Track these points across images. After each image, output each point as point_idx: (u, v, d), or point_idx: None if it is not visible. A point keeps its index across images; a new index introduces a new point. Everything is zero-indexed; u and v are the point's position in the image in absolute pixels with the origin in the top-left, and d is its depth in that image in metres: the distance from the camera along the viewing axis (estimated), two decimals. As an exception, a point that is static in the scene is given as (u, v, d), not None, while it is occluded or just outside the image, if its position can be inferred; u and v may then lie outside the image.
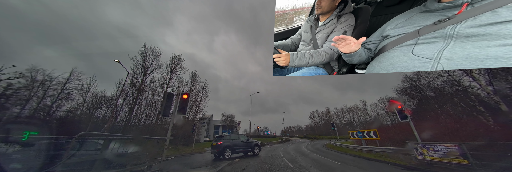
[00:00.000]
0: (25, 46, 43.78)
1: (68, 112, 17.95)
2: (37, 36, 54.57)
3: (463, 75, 13.82)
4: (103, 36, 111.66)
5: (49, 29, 68.70)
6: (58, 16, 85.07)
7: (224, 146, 11.23)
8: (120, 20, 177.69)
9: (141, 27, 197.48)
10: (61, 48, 51.05)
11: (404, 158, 9.47)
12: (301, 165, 8.58)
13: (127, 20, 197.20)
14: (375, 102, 56.67)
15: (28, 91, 15.39)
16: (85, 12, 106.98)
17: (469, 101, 13.61)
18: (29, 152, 4.68)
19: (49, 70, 17.03)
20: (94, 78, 21.72)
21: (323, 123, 71.80)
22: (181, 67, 25.02)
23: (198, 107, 28.69)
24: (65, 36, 74.89)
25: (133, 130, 20.32)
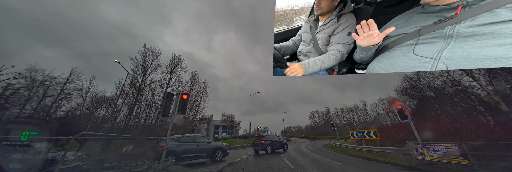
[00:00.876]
0: (22, 45, 43.79)
1: (67, 112, 17.94)
2: (32, 35, 54.18)
3: (463, 75, 13.83)
4: (100, 34, 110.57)
5: (44, 26, 67.74)
6: (52, 14, 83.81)
7: (266, 144, 14.50)
8: (116, 18, 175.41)
9: (138, 25, 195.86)
10: (58, 47, 50.86)
11: (404, 158, 9.46)
12: (301, 165, 8.57)
13: (124, 18, 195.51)
14: (375, 102, 56.71)
15: (28, 91, 15.38)
16: (80, 10, 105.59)
17: (469, 101, 13.62)
18: (29, 152, 4.69)
19: (48, 71, 17.04)
20: (94, 79, 21.73)
21: (323, 123, 71.82)
22: (181, 67, 25.05)
23: (198, 107, 28.71)
24: (60, 34, 74.09)
25: (133, 130, 20.32)
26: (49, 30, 72.33)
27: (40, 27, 63.98)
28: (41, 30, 61.81)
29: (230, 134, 55.99)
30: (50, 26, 74.74)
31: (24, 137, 3.95)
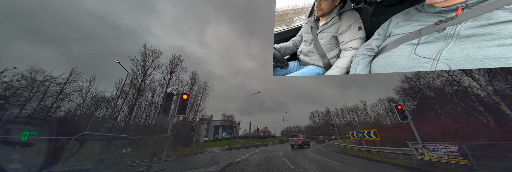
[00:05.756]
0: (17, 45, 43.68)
1: (67, 112, 17.93)
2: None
3: (463, 75, 13.83)
4: (78, 25, 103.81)
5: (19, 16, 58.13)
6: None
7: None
8: (96, 5, 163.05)
9: (121, 14, 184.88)
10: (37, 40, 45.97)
11: (405, 158, 9.46)
12: (301, 165, 8.57)
13: (104, 6, 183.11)
14: (375, 102, 56.71)
15: (28, 91, 15.39)
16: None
17: (469, 101, 13.62)
18: (29, 152, 4.69)
19: (48, 71, 17.03)
20: (93, 79, 21.72)
21: (323, 123, 71.78)
22: (181, 67, 25.06)
23: (198, 107, 28.69)
24: (36, 22, 66.93)
25: (132, 130, 20.32)
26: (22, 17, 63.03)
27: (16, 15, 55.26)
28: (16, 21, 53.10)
29: (230, 134, 55.95)
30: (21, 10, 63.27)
31: (24, 137, 3.95)
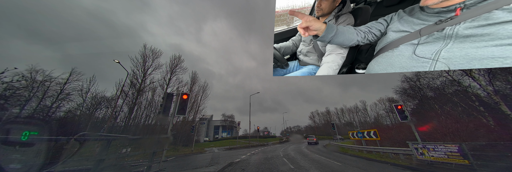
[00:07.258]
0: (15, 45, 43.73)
1: (67, 112, 17.93)
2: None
3: (463, 75, 13.83)
4: (74, 23, 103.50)
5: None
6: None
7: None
8: (91, 2, 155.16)
9: (117, 12, 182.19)
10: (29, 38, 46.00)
11: (405, 158, 9.47)
12: (301, 165, 8.57)
13: (99, 3, 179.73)
14: (375, 102, 56.67)
15: (28, 91, 15.39)
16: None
17: (469, 101, 13.62)
18: (29, 152, 4.69)
19: (48, 71, 17.04)
20: (93, 79, 21.73)
21: (323, 123, 71.72)
22: (181, 67, 25.07)
23: (198, 107, 28.70)
24: (30, 21, 66.96)
25: (132, 130, 20.32)
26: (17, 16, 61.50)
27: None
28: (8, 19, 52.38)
29: (230, 134, 55.93)
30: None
31: (24, 137, 3.94)
